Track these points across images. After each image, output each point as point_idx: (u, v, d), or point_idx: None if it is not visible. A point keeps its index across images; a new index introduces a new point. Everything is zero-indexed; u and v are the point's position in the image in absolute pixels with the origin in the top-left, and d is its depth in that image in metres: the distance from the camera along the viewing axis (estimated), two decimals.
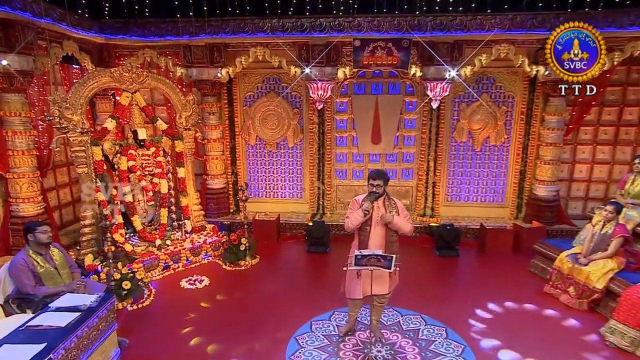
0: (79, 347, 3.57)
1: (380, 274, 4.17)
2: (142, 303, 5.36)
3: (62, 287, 4.22)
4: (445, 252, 7.06)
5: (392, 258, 3.77)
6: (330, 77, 7.46)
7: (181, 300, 5.44)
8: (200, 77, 7.62)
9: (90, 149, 6.09)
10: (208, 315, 5.09)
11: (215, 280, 6.05)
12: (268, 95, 8.10)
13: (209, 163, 8.16)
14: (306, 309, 5.16)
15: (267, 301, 5.40)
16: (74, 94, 5.95)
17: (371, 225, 4.16)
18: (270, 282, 5.99)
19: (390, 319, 4.96)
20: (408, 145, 8.18)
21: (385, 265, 3.80)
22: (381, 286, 4.25)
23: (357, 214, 4.10)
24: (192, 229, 7.27)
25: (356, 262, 3.83)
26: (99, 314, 3.88)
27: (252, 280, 6.08)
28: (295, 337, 4.56)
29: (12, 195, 6.14)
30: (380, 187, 4.10)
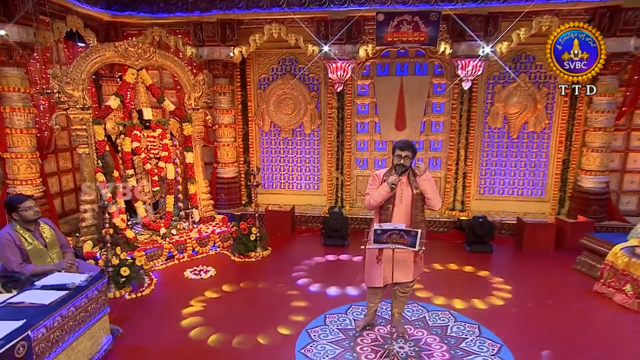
0: (64, 328, 3.35)
1: (403, 257, 3.87)
2: (142, 292, 5.17)
3: (51, 266, 4.04)
4: (477, 247, 6.65)
5: (416, 234, 3.43)
6: (351, 55, 7.19)
7: (184, 290, 5.25)
8: (211, 56, 7.46)
9: (91, 128, 5.96)
10: (212, 305, 4.87)
11: (222, 271, 5.84)
12: (284, 78, 7.89)
13: (219, 150, 7.98)
14: (320, 302, 4.90)
15: (277, 293, 5.14)
16: (76, 68, 5.83)
17: (394, 203, 3.86)
18: (281, 274, 5.73)
19: (415, 314, 4.61)
20: (436, 131, 7.82)
21: (409, 242, 3.46)
22: (405, 272, 3.93)
23: (381, 189, 3.81)
24: (200, 219, 7.06)
25: (375, 238, 3.51)
26: (88, 294, 3.67)
27: (262, 272, 5.84)
28: (307, 330, 4.26)
29: (10, 176, 6.05)
30: (408, 159, 3.80)
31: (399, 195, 3.86)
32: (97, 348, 3.80)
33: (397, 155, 3.81)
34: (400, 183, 3.86)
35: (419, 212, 3.90)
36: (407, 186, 3.87)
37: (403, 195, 3.86)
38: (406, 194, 3.85)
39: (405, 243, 3.47)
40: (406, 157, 3.78)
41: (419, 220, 3.91)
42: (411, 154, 3.80)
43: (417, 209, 3.88)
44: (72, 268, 4.13)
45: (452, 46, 6.90)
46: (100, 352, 3.83)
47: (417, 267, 4.01)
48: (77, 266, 4.23)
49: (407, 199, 3.85)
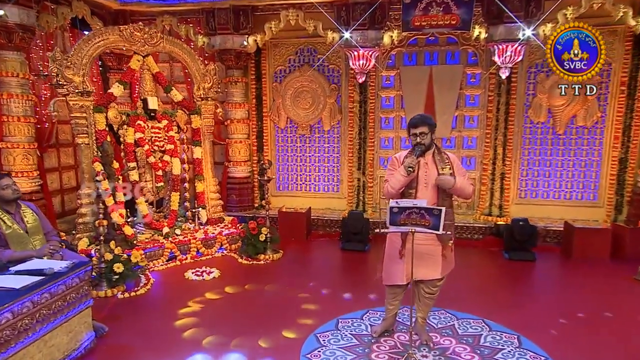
0: (34, 316, 3.14)
1: (430, 250, 3.55)
2: (136, 291, 4.96)
3: (31, 251, 3.85)
4: (517, 254, 6.19)
5: (439, 212, 3.08)
6: (374, 43, 6.96)
7: (183, 291, 5.04)
8: (223, 46, 7.38)
9: (92, 116, 5.89)
10: (212, 307, 4.63)
11: (227, 273, 5.62)
12: (301, 69, 7.73)
13: (231, 147, 7.82)
14: (333, 306, 4.59)
15: (286, 296, 4.86)
16: (77, 51, 5.81)
17: (416, 189, 3.55)
18: (292, 277, 5.47)
19: (442, 321, 4.22)
20: (470, 127, 7.45)
21: (431, 224, 3.12)
22: (431, 268, 3.59)
23: (397, 174, 3.51)
24: (207, 220, 6.88)
25: (392, 219, 3.19)
26: (67, 281, 3.47)
27: (271, 275, 5.58)
28: (316, 334, 3.93)
29: (5, 167, 6.02)
30: (425, 136, 3.50)
31: (422, 177, 3.55)
32: (75, 345, 3.57)
33: (412, 134, 3.53)
34: (424, 164, 3.56)
35: (446, 197, 3.57)
36: (432, 165, 3.55)
37: (428, 177, 3.55)
38: (431, 175, 3.54)
39: (427, 225, 3.13)
40: (422, 134, 3.49)
41: (446, 206, 3.56)
42: (427, 128, 3.51)
43: (445, 192, 3.55)
44: (55, 255, 3.95)
45: (487, 30, 6.58)
46: (80, 350, 3.60)
47: (447, 263, 3.64)
48: (61, 255, 4.03)
49: (433, 181, 3.52)
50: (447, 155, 3.62)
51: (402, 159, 3.62)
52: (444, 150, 3.68)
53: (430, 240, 3.53)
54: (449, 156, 3.63)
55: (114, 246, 5.11)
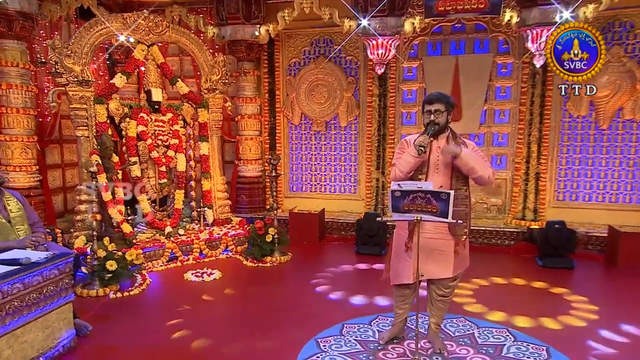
0: (4, 308, 3.03)
1: (440, 245, 3.32)
2: (130, 291, 4.85)
3: (11, 242, 3.76)
4: (553, 261, 5.82)
5: (447, 196, 2.83)
6: (395, 30, 6.76)
7: (180, 292, 4.94)
8: (234, 36, 7.32)
9: (92, 107, 5.88)
10: (207, 308, 4.50)
11: (229, 275, 5.48)
12: (317, 62, 7.60)
13: (241, 145, 7.73)
14: (340, 310, 4.39)
15: (289, 299, 4.69)
16: (78, 40, 5.82)
17: (427, 174, 3.33)
18: (298, 280, 5.29)
19: (461, 329, 3.93)
20: (500, 122, 7.13)
21: (439, 210, 2.87)
22: (442, 265, 3.35)
23: (407, 155, 3.31)
24: (213, 221, 6.76)
25: (394, 205, 2.96)
26: (44, 272, 3.36)
27: (276, 277, 5.42)
28: (317, 338, 3.71)
29: (3, 161, 6.06)
30: (440, 114, 3.29)
31: (433, 162, 3.33)
32: (52, 342, 3.45)
33: (426, 111, 3.33)
34: (436, 147, 3.34)
35: (460, 185, 3.33)
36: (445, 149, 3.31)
37: (439, 161, 3.32)
38: (443, 161, 3.32)
39: (435, 212, 2.90)
40: (437, 111, 3.28)
41: (462, 196, 3.34)
42: (443, 107, 3.30)
43: (459, 180, 3.32)
44: (39, 247, 3.86)
45: (520, 13, 6.28)
46: (57, 348, 3.48)
47: (460, 259, 3.38)
48: (46, 247, 3.94)
49: (445, 166, 3.30)
50: (462, 140, 3.39)
51: (412, 141, 3.40)
52: (460, 135, 3.44)
53: (440, 234, 3.29)
54: (465, 141, 3.40)
55: (108, 243, 5.02)
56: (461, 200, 3.33)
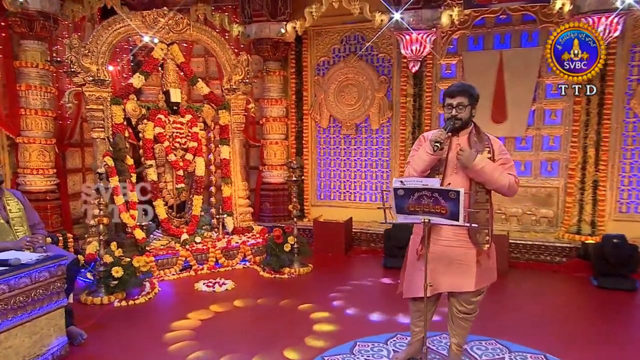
0: None
1: (460, 255, 3.08)
2: (136, 300, 4.82)
3: (7, 243, 3.82)
4: (610, 281, 5.36)
5: (457, 196, 2.60)
6: (430, 24, 6.54)
7: (187, 302, 4.90)
8: (259, 35, 7.32)
9: (109, 108, 5.98)
10: (213, 320, 4.43)
11: (242, 286, 5.41)
12: (346, 60, 7.47)
13: (265, 149, 7.68)
14: (354, 327, 4.19)
15: (301, 314, 4.54)
16: (95, 38, 5.96)
17: (444, 174, 3.12)
18: (315, 293, 5.13)
19: (489, 352, 3.64)
20: (551, 124, 6.75)
21: (448, 212, 2.64)
22: (462, 278, 3.11)
23: (422, 152, 3.13)
24: (233, 229, 6.71)
25: (398, 205, 2.77)
26: (33, 274, 3.36)
27: (292, 290, 5.29)
28: (323, 356, 3.53)
29: (21, 164, 6.24)
30: (462, 108, 3.08)
31: (452, 161, 3.12)
32: (40, 350, 3.43)
33: (447, 105, 3.12)
34: (456, 145, 3.13)
35: (481, 188, 3.09)
36: (466, 148, 3.09)
37: (459, 161, 3.08)
38: None
39: (444, 213, 2.67)
40: (459, 105, 3.07)
41: (481, 200, 3.11)
42: (467, 100, 3.08)
43: (479, 184, 3.08)
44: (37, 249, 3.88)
45: (573, 0, 5.91)
46: (45, 356, 3.46)
47: (483, 272, 3.12)
48: (44, 249, 3.97)
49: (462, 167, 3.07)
50: (487, 137, 3.15)
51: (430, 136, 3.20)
52: (485, 132, 3.21)
53: (460, 241, 3.06)
54: (490, 138, 3.16)
55: (116, 248, 5.03)
56: (481, 204, 3.10)
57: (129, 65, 8.09)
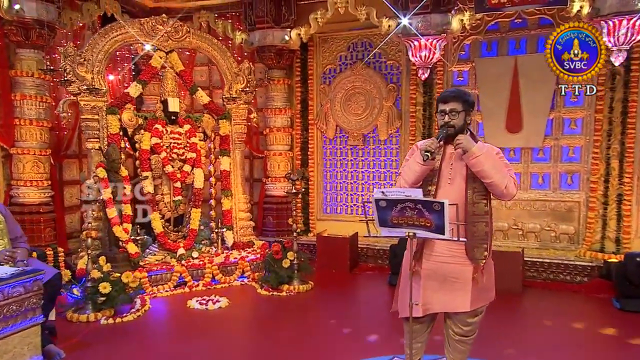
0: None
1: (455, 271, 2.97)
2: (123, 317, 4.77)
3: None
4: (633, 303, 5.13)
5: (441, 207, 2.48)
6: (440, 29, 6.44)
7: (176, 320, 4.93)
8: (263, 42, 7.31)
9: (104, 118, 5.99)
10: (199, 340, 4.36)
11: (237, 303, 5.36)
12: (353, 68, 7.42)
13: (269, 160, 7.65)
14: (350, 349, 4.06)
15: (294, 333, 4.51)
16: (91, 46, 6.00)
17: (437, 185, 3.03)
18: (313, 312, 5.11)
19: None
20: (571, 133, 6.57)
21: (434, 225, 2.53)
22: (457, 297, 2.99)
23: (412, 162, 3.06)
24: (233, 244, 6.64)
25: (381, 218, 2.68)
26: (5, 289, 3.30)
27: (288, 309, 5.21)
28: None
29: (14, 175, 6.26)
30: (456, 115, 3.00)
31: (446, 171, 3.03)
32: None
33: (440, 111, 3.05)
34: (450, 154, 3.05)
35: (478, 199, 2.97)
36: (459, 159, 2.99)
37: (454, 172, 3.02)
38: (458, 170, 3.01)
39: (429, 226, 2.55)
40: (452, 112, 2.99)
41: (480, 212, 2.98)
42: (460, 105, 3.00)
43: (476, 192, 2.97)
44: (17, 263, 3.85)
45: (592, 2, 5.74)
46: None
47: (480, 290, 2.99)
48: (25, 263, 3.94)
49: (460, 177, 2.98)
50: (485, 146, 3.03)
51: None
52: (481, 139, 3.10)
53: (455, 257, 2.94)
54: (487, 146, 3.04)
55: (104, 263, 4.99)
56: (480, 216, 2.97)
57: (130, 74, 8.15)
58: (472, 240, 2.93)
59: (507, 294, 5.60)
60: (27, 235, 5.93)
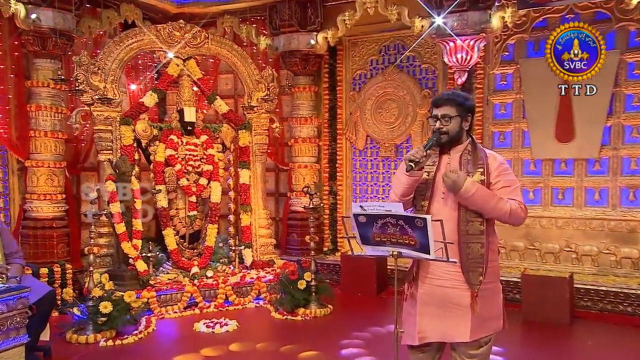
0: None
1: (453, 297, 2.80)
2: (124, 339, 4.83)
3: None
4: None
5: (424, 223, 2.35)
6: (478, 28, 6.28)
7: (180, 344, 4.95)
8: (288, 47, 7.36)
9: (118, 129, 6.15)
10: None
11: (247, 327, 5.34)
12: (385, 73, 7.34)
13: (294, 173, 7.64)
14: None
15: None
16: (106, 55, 6.21)
17: (431, 199, 2.87)
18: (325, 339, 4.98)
19: None
20: (633, 142, 6.26)
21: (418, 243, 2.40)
22: (454, 325, 2.80)
23: (399, 172, 2.91)
24: (252, 262, 6.65)
25: (363, 235, 2.59)
26: None
27: (301, 335, 5.16)
28: None
29: (28, 189, 6.50)
30: (449, 120, 2.83)
31: (440, 183, 2.85)
32: None
33: (432, 116, 2.90)
34: (446, 164, 2.88)
35: (473, 216, 2.76)
36: (456, 166, 2.85)
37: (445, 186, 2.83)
38: None
39: (413, 245, 2.42)
40: (445, 117, 2.82)
41: (474, 232, 2.77)
42: (455, 110, 2.83)
43: (470, 211, 2.76)
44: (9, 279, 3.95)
45: None
46: None
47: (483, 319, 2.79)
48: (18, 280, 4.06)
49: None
50: (484, 155, 2.85)
51: None
52: (483, 148, 2.93)
53: (453, 280, 2.78)
54: (488, 156, 2.85)
55: (107, 280, 5.08)
56: (474, 236, 2.77)
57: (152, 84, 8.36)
58: (466, 262, 2.76)
59: (552, 326, 5.35)
60: (39, 251, 6.30)
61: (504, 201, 2.71)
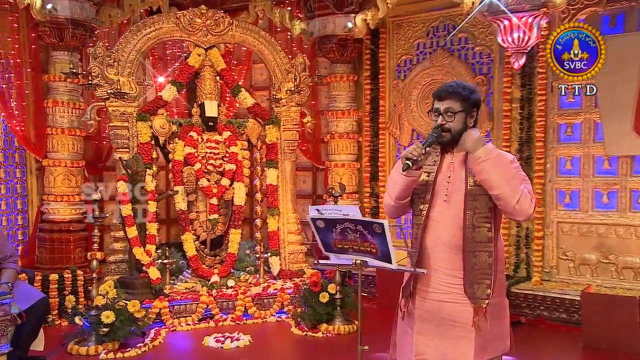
0: None
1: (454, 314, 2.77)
2: (126, 352, 5.00)
3: None
4: None
5: (382, 229, 2.31)
6: (538, 3, 6.02)
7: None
8: (323, 31, 7.36)
9: (134, 126, 6.38)
10: None
11: (259, 344, 5.40)
12: (433, 58, 7.18)
13: (330, 173, 7.63)
14: None
15: None
16: (123, 46, 6.44)
17: (432, 203, 2.84)
18: None
19: None
20: None
21: (379, 251, 2.35)
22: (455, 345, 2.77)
23: (394, 172, 2.91)
24: (279, 271, 6.70)
25: (324, 241, 2.57)
26: None
27: (317, 354, 5.21)
28: None
29: (45, 189, 6.85)
30: (452, 116, 2.79)
31: (442, 186, 2.83)
32: None
33: (434, 109, 2.86)
34: (448, 164, 2.86)
35: (480, 222, 2.73)
36: (460, 169, 2.82)
37: (451, 187, 2.82)
38: (457, 185, 2.81)
39: (375, 253, 2.38)
40: (447, 111, 2.78)
41: (481, 239, 2.74)
42: (459, 105, 2.79)
43: (477, 214, 2.74)
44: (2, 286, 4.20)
45: None
46: None
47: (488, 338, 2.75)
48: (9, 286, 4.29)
49: (459, 195, 2.78)
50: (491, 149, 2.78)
51: None
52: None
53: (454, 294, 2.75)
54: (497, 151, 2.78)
55: (110, 288, 5.28)
56: (481, 244, 2.72)
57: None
58: (471, 274, 2.71)
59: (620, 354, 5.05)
60: (56, 256, 6.62)
61: (519, 182, 2.67)
